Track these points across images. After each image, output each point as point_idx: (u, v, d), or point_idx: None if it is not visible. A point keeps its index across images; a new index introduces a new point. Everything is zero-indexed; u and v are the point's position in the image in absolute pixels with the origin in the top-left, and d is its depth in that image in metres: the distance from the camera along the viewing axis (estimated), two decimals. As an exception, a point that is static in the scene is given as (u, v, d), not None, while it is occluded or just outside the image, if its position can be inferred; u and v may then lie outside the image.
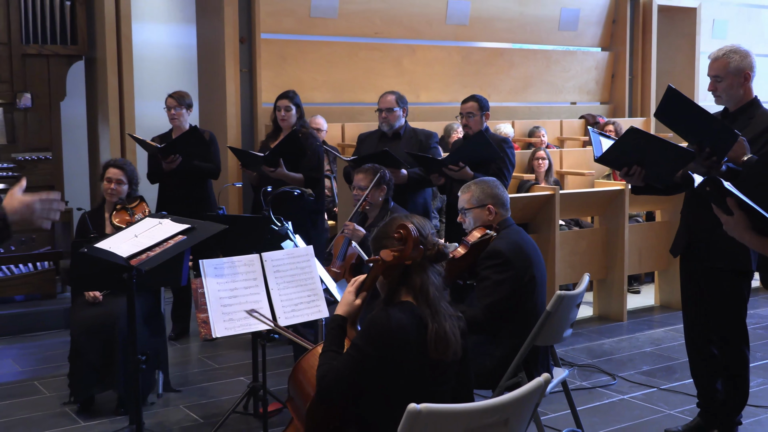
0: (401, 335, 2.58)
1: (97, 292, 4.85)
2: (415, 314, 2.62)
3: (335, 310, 2.81)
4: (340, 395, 2.60)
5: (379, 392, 2.60)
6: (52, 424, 4.65)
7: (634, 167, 3.78)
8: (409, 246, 2.64)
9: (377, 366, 2.57)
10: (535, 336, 3.67)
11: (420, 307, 2.63)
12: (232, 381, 5.37)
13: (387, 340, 2.57)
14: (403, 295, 2.69)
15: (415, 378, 2.61)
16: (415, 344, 2.59)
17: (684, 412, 4.73)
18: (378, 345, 2.57)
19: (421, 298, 2.65)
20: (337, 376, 2.59)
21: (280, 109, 6.06)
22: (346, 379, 2.58)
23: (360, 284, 2.81)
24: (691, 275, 4.21)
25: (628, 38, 10.89)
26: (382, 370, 2.58)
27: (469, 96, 5.80)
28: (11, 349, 6.12)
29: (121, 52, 7.63)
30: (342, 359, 2.62)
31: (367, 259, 2.77)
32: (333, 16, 8.95)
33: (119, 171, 5.00)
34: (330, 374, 2.60)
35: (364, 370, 2.58)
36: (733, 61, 3.90)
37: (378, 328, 2.58)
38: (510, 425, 2.43)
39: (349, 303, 2.78)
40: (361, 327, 2.67)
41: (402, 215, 2.84)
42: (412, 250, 2.64)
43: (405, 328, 2.59)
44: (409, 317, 2.61)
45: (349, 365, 2.58)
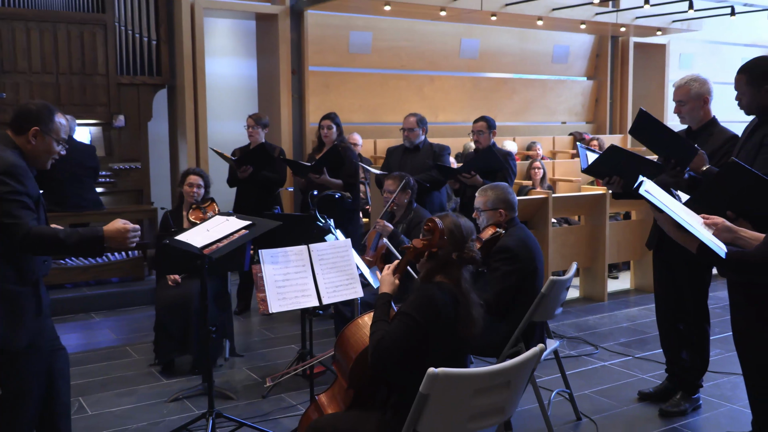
0: (442, 308, 2.56)
1: (176, 276, 4.87)
2: (451, 293, 2.61)
3: (380, 289, 2.79)
4: (395, 356, 2.54)
5: (412, 355, 2.55)
6: (140, 381, 4.67)
7: (614, 177, 3.75)
8: (435, 236, 2.65)
9: (423, 330, 2.54)
10: (532, 314, 3.64)
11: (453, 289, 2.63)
12: (285, 348, 5.36)
13: (433, 310, 2.55)
14: (438, 276, 2.67)
15: (442, 346, 2.58)
16: (450, 319, 2.58)
17: (655, 377, 4.67)
18: (426, 313, 2.54)
19: (456, 285, 2.64)
20: (392, 339, 2.54)
21: (323, 127, 6.07)
22: (399, 342, 2.53)
23: (395, 267, 2.80)
24: (662, 264, 4.17)
25: (609, 69, 10.86)
26: (423, 336, 2.54)
27: (479, 117, 5.79)
28: (108, 321, 6.16)
29: (197, 82, 7.67)
30: (394, 325, 2.57)
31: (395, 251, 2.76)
32: (367, 51, 8.96)
33: (199, 177, 5.01)
34: (386, 338, 2.55)
35: (413, 334, 2.53)
36: (694, 87, 3.86)
37: (427, 300, 2.57)
38: (511, 386, 2.45)
39: (392, 283, 2.77)
40: (408, 299, 2.62)
41: (453, 215, 2.79)
42: (438, 239, 2.64)
43: (445, 304, 2.58)
44: (447, 295, 2.60)
45: (402, 329, 2.54)
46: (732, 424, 3.96)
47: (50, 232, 2.83)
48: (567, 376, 4.11)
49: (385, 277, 2.78)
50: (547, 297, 3.61)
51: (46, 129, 2.96)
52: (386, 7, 8.05)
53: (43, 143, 2.97)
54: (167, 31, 7.65)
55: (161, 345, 4.78)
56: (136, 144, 7.64)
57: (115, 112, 7.46)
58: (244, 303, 6.31)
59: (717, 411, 4.16)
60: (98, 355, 5.19)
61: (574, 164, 8.80)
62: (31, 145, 2.96)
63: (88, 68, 7.33)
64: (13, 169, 2.81)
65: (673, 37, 11.17)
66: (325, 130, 6.05)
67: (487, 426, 2.47)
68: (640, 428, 3.93)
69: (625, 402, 4.29)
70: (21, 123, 2.95)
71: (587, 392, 4.44)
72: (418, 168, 5.64)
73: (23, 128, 2.94)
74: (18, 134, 2.96)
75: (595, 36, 10.77)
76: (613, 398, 4.35)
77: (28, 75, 7.08)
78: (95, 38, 7.32)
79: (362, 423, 2.63)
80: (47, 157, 3.03)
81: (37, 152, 2.98)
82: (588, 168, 3.86)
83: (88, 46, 7.30)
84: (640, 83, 11.26)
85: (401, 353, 2.53)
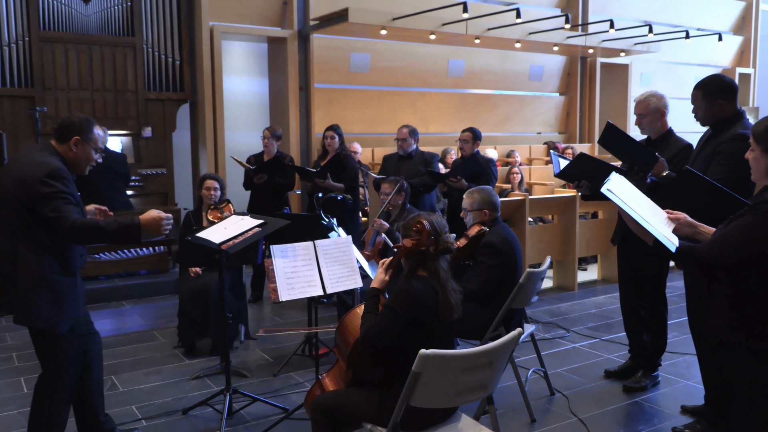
0: (422, 300, 2.56)
1: (197, 268, 4.86)
2: (431, 285, 2.60)
3: (371, 284, 2.79)
4: (379, 344, 2.55)
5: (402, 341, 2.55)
6: (165, 361, 4.66)
7: (583, 181, 3.76)
8: (423, 236, 2.64)
9: (403, 322, 2.54)
10: (511, 301, 3.64)
11: (432, 282, 2.61)
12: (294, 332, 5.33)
13: (412, 304, 2.54)
14: (419, 271, 2.66)
15: (428, 331, 2.58)
16: (430, 308, 2.57)
17: (619, 357, 4.67)
18: (405, 307, 2.54)
19: (435, 277, 2.63)
20: (377, 330, 2.55)
21: (327, 137, 6.07)
22: (383, 332, 2.54)
23: (388, 265, 2.79)
24: (625, 258, 4.17)
25: (578, 86, 10.87)
26: (406, 325, 2.54)
27: (466, 128, 5.79)
28: (137, 308, 6.14)
29: (215, 97, 7.67)
30: (379, 318, 2.57)
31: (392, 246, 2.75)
32: (366, 70, 8.96)
33: (215, 181, 5.00)
34: (372, 329, 2.56)
35: (397, 324, 2.54)
36: (652, 102, 3.86)
37: (406, 295, 2.56)
38: (493, 366, 2.45)
39: (381, 279, 2.76)
40: (392, 294, 2.62)
41: (424, 214, 2.78)
42: (426, 239, 2.63)
43: (424, 296, 2.57)
44: (426, 288, 2.59)
45: (385, 322, 2.55)
46: (687, 398, 3.97)
47: (92, 222, 2.84)
48: (542, 356, 4.10)
49: (378, 275, 2.78)
50: (525, 287, 3.61)
51: (85, 139, 2.97)
52: (383, 32, 8.06)
53: (83, 151, 2.98)
54: (189, 52, 7.65)
55: (184, 329, 4.77)
56: (161, 152, 7.64)
57: (143, 124, 7.46)
58: (258, 292, 6.30)
59: (674, 387, 4.17)
60: (128, 339, 5.18)
61: (548, 170, 8.84)
62: (72, 153, 2.96)
63: (120, 85, 7.32)
64: (57, 172, 2.82)
65: (635, 58, 11.18)
66: (328, 140, 6.05)
67: (471, 400, 2.48)
68: (606, 402, 3.94)
69: (593, 379, 4.30)
70: (64, 133, 2.95)
71: (560, 370, 4.44)
72: (411, 173, 5.63)
73: (66, 137, 2.95)
74: (61, 143, 2.97)
75: (567, 57, 10.78)
76: (582, 376, 4.36)
77: (67, 91, 7.07)
78: (126, 59, 7.31)
79: (360, 399, 2.63)
80: (86, 164, 3.03)
81: (78, 159, 2.99)
82: (560, 173, 3.85)
83: (120, 65, 7.29)
84: (606, 98, 11.28)
85: (385, 341, 2.53)
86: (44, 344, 2.97)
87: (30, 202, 2.78)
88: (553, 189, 7.73)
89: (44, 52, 6.90)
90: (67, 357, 3.00)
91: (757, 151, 2.17)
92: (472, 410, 3.37)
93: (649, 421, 3.69)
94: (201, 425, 3.62)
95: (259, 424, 3.61)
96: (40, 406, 3.02)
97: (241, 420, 3.67)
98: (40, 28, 6.86)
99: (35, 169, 2.80)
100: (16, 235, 2.84)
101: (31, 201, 2.78)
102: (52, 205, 2.76)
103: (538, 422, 3.66)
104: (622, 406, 3.88)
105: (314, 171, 5.81)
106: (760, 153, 2.15)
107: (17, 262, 2.83)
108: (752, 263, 2.08)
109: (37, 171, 2.79)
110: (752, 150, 2.20)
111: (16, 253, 2.84)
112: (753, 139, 2.18)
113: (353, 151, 7.26)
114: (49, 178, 2.78)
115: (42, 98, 6.91)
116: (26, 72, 6.86)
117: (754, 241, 2.06)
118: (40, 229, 2.82)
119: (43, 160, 2.84)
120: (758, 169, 2.18)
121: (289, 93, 8.14)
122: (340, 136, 6.06)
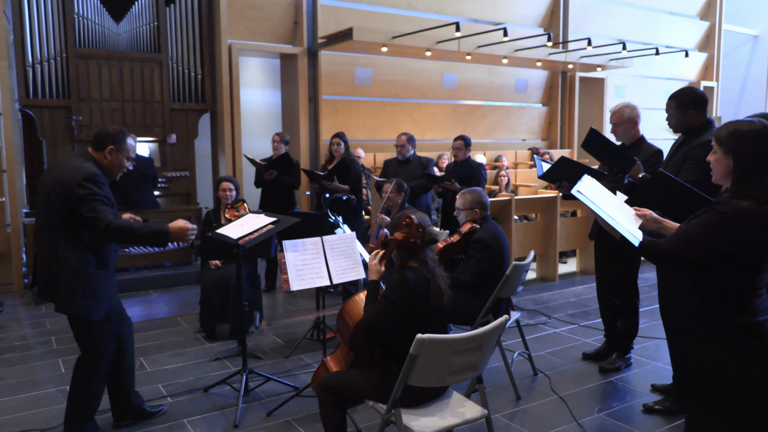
0: (414, 289, 2.55)
1: (217, 261, 4.85)
2: (422, 275, 2.59)
3: (369, 277, 2.77)
4: (380, 330, 2.55)
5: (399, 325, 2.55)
6: (188, 344, 4.66)
7: (564, 182, 3.73)
8: (412, 229, 2.64)
9: (400, 309, 2.53)
10: (499, 291, 3.63)
11: (423, 270, 2.61)
12: (303, 318, 5.33)
13: (407, 293, 2.54)
14: (410, 262, 2.65)
15: (421, 316, 2.58)
16: (423, 295, 2.57)
17: (595, 341, 4.67)
18: (401, 296, 2.54)
19: (424, 266, 2.62)
20: (377, 318, 2.54)
21: (333, 144, 6.05)
22: (383, 320, 2.54)
23: (381, 256, 2.76)
24: (601, 252, 4.16)
25: (559, 98, 10.84)
26: (402, 311, 2.54)
27: (458, 136, 5.80)
28: (163, 296, 6.14)
29: (233, 108, 7.66)
30: (378, 306, 2.57)
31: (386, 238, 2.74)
32: (369, 84, 8.94)
33: (230, 183, 4.99)
34: (373, 317, 2.55)
35: (395, 311, 2.54)
36: (626, 112, 3.85)
37: (401, 285, 2.55)
38: (483, 349, 2.45)
39: (378, 270, 2.73)
40: (388, 284, 2.61)
41: (410, 211, 2.78)
42: (414, 231, 2.64)
43: (417, 284, 2.56)
44: (418, 277, 2.58)
45: (383, 310, 2.54)
46: (657, 378, 3.97)
47: (126, 224, 2.86)
48: (526, 340, 4.11)
49: (373, 267, 2.75)
50: (511, 277, 3.61)
51: (119, 148, 2.97)
52: (383, 49, 8.05)
53: (116, 159, 2.98)
54: (210, 67, 7.63)
55: (205, 316, 4.76)
56: (185, 157, 7.62)
57: (168, 132, 7.44)
58: (271, 283, 6.30)
59: (645, 367, 4.17)
60: (155, 324, 5.18)
61: (532, 173, 8.83)
62: (107, 160, 2.96)
63: (147, 96, 7.31)
64: (93, 177, 2.83)
65: (610, 73, 11.16)
66: (335, 146, 6.03)
67: (463, 379, 2.48)
68: (584, 381, 3.93)
69: (572, 360, 4.30)
70: (100, 142, 2.96)
71: (542, 353, 4.43)
72: (409, 176, 5.63)
73: (102, 146, 2.96)
74: (97, 150, 2.97)
75: (549, 71, 10.76)
76: (562, 357, 4.35)
77: (100, 102, 7.06)
78: (153, 73, 7.30)
79: (361, 378, 2.63)
80: (118, 170, 3.04)
81: (111, 166, 2.99)
82: (543, 175, 3.84)
83: (147, 79, 7.28)
84: (584, 109, 11.25)
85: (385, 327, 2.53)
86: (82, 330, 2.98)
87: (69, 203, 2.79)
88: (536, 190, 7.74)
89: (80, 67, 6.89)
90: (103, 340, 3.02)
91: (719, 152, 2.14)
92: (464, 389, 3.37)
93: (623, 398, 3.68)
94: (220, 402, 3.62)
95: (272, 401, 3.61)
96: (79, 384, 3.04)
97: (256, 397, 3.67)
98: (76, 46, 6.85)
99: (73, 173, 2.81)
100: (57, 232, 2.85)
101: (69, 202, 2.79)
102: (89, 205, 2.78)
103: (523, 399, 3.66)
104: (598, 385, 3.88)
105: (322, 174, 5.81)
106: (722, 154, 2.12)
107: (58, 256, 2.84)
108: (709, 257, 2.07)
109: (75, 175, 2.80)
110: (714, 152, 2.17)
111: (57, 248, 2.85)
112: (716, 142, 2.15)
113: (357, 156, 7.26)
114: (85, 181, 2.79)
115: (78, 108, 6.90)
116: (63, 85, 6.85)
117: (709, 237, 2.04)
118: (79, 227, 2.83)
119: (81, 165, 2.85)
120: (719, 169, 2.15)
121: (299, 104, 8.12)
122: (345, 142, 6.05)
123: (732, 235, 2.01)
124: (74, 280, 2.84)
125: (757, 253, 2.04)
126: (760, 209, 2.01)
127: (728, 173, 2.11)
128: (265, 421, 3.36)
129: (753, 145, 2.04)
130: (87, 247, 2.87)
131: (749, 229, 2.00)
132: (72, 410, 3.04)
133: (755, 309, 2.09)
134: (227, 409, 3.52)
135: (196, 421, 3.39)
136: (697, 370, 2.18)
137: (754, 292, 2.09)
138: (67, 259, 2.83)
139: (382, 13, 8.75)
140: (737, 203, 2.03)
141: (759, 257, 2.05)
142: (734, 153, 2.07)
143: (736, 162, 2.06)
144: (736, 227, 2.01)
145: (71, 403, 3.04)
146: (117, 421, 3.29)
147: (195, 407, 3.55)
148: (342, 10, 8.46)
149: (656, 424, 3.35)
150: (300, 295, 6.02)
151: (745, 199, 2.03)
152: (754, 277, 2.08)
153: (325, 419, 2.65)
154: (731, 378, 2.08)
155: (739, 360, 2.08)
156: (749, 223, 2.00)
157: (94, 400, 3.07)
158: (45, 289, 2.91)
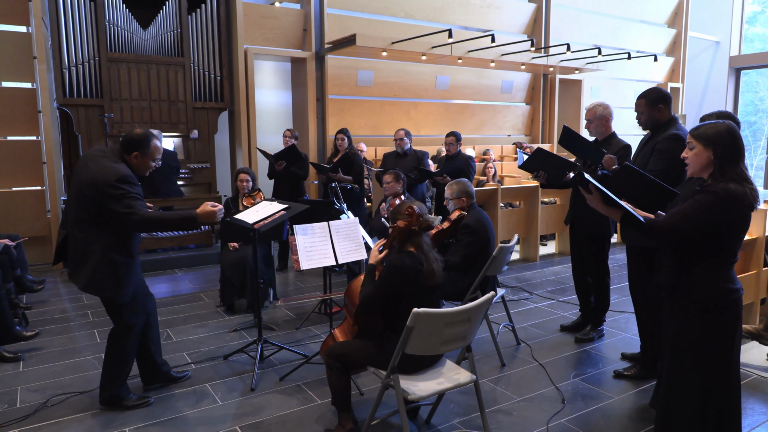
0: (408, 271, 2.54)
1: (235, 243, 4.84)
2: (416, 258, 2.58)
3: (369, 260, 2.77)
4: (371, 306, 2.56)
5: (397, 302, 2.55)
6: (210, 317, 4.66)
7: (541, 172, 3.70)
8: (413, 218, 2.63)
9: (392, 289, 2.54)
10: (486, 270, 3.63)
11: (418, 254, 2.60)
12: (312, 294, 5.33)
13: (398, 275, 2.53)
14: (407, 247, 2.64)
15: (417, 294, 2.57)
16: (416, 277, 2.56)
17: (572, 315, 4.68)
18: (392, 278, 2.53)
19: (419, 249, 2.62)
20: (372, 296, 2.55)
21: (338, 139, 6.02)
22: (377, 297, 2.55)
23: (384, 245, 2.76)
24: (575, 236, 4.15)
25: (541, 98, 10.78)
26: (397, 290, 2.54)
27: (450, 132, 5.75)
28: (187, 275, 6.13)
29: (249, 107, 7.61)
30: (374, 286, 2.57)
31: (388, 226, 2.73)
32: (370, 85, 8.88)
33: (247, 174, 4.96)
34: (368, 295, 2.56)
35: (387, 292, 2.54)
36: (599, 110, 3.81)
37: (396, 267, 2.55)
38: (471, 322, 2.45)
39: (376, 256, 2.74)
40: (384, 267, 2.60)
41: (410, 200, 2.76)
42: (415, 220, 2.62)
43: (411, 267, 2.55)
44: (413, 260, 2.57)
45: (377, 290, 2.55)
46: (626, 347, 3.98)
47: (157, 214, 2.86)
48: (510, 313, 4.12)
49: (373, 253, 2.76)
50: (497, 258, 3.60)
51: (144, 153, 2.94)
52: (384, 53, 7.98)
53: (142, 161, 2.96)
54: (228, 70, 7.58)
55: (225, 292, 4.77)
56: (206, 150, 7.59)
57: (191, 128, 7.41)
58: (283, 263, 6.29)
59: (615, 338, 4.18)
60: (180, 299, 5.18)
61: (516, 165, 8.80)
62: (134, 162, 2.95)
63: (172, 96, 7.26)
64: (125, 177, 2.82)
65: (587, 75, 11.09)
66: (339, 141, 6.00)
67: (454, 348, 2.47)
68: (562, 350, 3.94)
69: (551, 332, 4.30)
70: (127, 147, 2.94)
71: (524, 325, 4.44)
72: (406, 168, 5.59)
73: (128, 151, 2.94)
74: (125, 153, 2.95)
75: (532, 74, 10.69)
76: (542, 329, 4.36)
77: (129, 101, 7.02)
78: (177, 75, 7.25)
79: (364, 348, 2.63)
80: (146, 170, 3.01)
81: (138, 167, 2.97)
82: (522, 165, 3.81)
83: (172, 80, 7.23)
84: (563, 107, 11.20)
85: (377, 304, 2.54)
86: (113, 308, 3.00)
87: (101, 200, 2.79)
88: (520, 180, 7.71)
89: (111, 69, 6.84)
90: (132, 316, 3.03)
91: (698, 147, 2.19)
92: (454, 357, 3.38)
93: (596, 365, 3.69)
94: (238, 368, 3.63)
95: (284, 367, 3.62)
96: (112, 352, 3.06)
97: (271, 364, 3.68)
98: (107, 50, 6.79)
99: (107, 174, 2.80)
100: (86, 224, 2.84)
101: (101, 199, 2.79)
102: (124, 203, 2.78)
103: (507, 366, 3.66)
104: (574, 354, 3.89)
105: (328, 167, 5.79)
106: (702, 149, 2.18)
107: (89, 244, 2.84)
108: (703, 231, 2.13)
109: (108, 176, 2.79)
110: (692, 148, 2.22)
111: (88, 238, 2.84)
112: (695, 139, 2.21)
113: (359, 149, 7.24)
114: (118, 182, 2.79)
115: (110, 107, 6.86)
116: (97, 85, 6.81)
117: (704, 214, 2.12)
118: (107, 220, 2.81)
119: (113, 166, 2.84)
120: (698, 162, 2.20)
121: (308, 103, 8.08)
122: (349, 138, 6.02)
123: (723, 211, 2.11)
124: (101, 267, 2.84)
125: (739, 225, 2.15)
126: (743, 188, 2.12)
127: (708, 164, 2.19)
128: (278, 385, 3.37)
129: (728, 139, 2.16)
130: (115, 237, 2.86)
131: (736, 204, 2.11)
132: (107, 375, 3.06)
133: (733, 278, 2.20)
134: (245, 374, 3.53)
135: (217, 385, 3.40)
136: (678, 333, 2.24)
137: (732, 263, 2.20)
138: (97, 246, 2.83)
139: (382, 21, 8.69)
140: (724, 185, 2.12)
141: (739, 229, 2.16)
142: (714, 146, 2.16)
143: (717, 153, 2.16)
144: (725, 204, 2.10)
145: (106, 368, 3.06)
146: (147, 385, 3.31)
147: (216, 373, 3.56)
148: (347, 19, 8.39)
149: (625, 387, 3.37)
150: (309, 273, 6.02)
151: (730, 181, 2.13)
152: (734, 249, 2.18)
153: (332, 383, 2.66)
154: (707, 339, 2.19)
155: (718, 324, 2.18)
156: (735, 199, 2.10)
157: (126, 366, 3.09)
158: (76, 273, 2.90)
